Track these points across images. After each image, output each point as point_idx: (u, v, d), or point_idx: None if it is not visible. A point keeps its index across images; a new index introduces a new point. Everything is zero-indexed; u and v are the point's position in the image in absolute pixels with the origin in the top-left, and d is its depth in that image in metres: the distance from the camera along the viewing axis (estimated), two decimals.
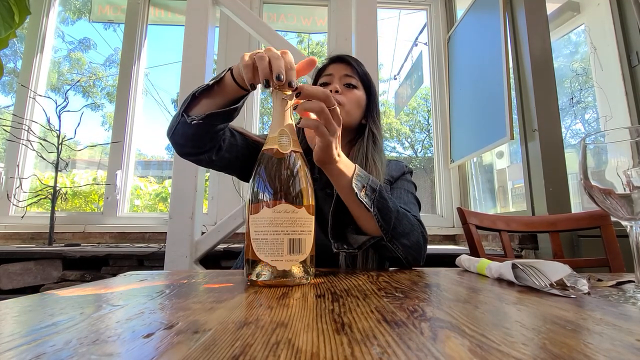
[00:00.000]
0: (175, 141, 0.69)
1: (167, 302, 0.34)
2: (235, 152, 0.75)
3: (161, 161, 4.01)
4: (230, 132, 0.74)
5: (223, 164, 0.76)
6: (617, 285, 0.46)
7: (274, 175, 0.47)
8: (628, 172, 0.39)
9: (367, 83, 0.87)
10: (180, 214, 1.30)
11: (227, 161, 0.75)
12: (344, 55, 0.88)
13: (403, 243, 0.66)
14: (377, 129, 0.85)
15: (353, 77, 0.85)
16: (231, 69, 0.60)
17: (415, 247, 0.67)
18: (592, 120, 2.01)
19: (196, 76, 1.37)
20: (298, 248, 0.44)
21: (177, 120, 0.65)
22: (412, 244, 0.67)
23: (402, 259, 0.66)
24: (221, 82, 0.61)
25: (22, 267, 1.31)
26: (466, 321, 0.27)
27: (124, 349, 0.21)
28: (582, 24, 1.91)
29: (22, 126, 1.81)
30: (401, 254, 0.66)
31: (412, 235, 0.67)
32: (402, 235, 0.65)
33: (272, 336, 0.23)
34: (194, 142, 0.67)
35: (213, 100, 0.63)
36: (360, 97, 0.85)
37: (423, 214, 2.07)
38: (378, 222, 0.62)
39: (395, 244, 0.65)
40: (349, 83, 0.84)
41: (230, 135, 0.74)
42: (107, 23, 2.62)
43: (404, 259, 0.66)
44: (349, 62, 0.86)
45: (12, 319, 0.29)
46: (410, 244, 0.66)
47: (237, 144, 0.76)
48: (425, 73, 2.23)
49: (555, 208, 1.30)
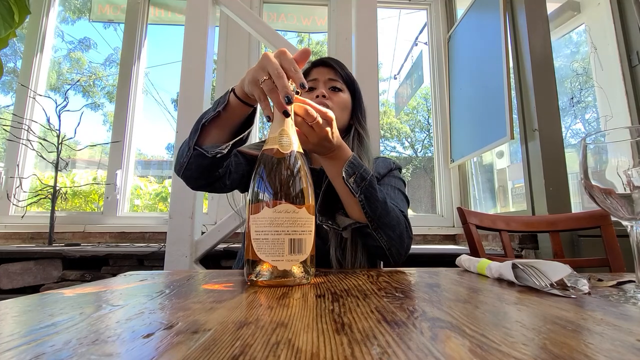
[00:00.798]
0: (189, 176, 0.68)
1: (167, 302, 0.34)
2: (241, 170, 0.77)
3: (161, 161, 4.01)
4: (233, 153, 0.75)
5: (234, 185, 0.78)
6: (618, 285, 0.46)
7: (274, 175, 0.47)
8: (628, 171, 0.39)
9: (352, 85, 0.89)
10: (180, 214, 1.30)
11: (237, 182, 0.77)
12: (326, 59, 0.89)
13: (387, 234, 0.68)
14: (362, 128, 0.88)
15: (337, 81, 0.86)
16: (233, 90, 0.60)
17: (398, 241, 0.70)
18: (592, 120, 2.01)
19: (196, 76, 1.37)
20: (299, 248, 0.44)
21: (190, 155, 0.64)
22: (396, 237, 0.69)
23: (385, 249, 0.69)
24: (227, 106, 0.61)
25: (22, 266, 1.31)
26: (466, 321, 0.27)
27: (124, 349, 0.21)
28: (583, 24, 1.91)
29: (22, 126, 1.81)
30: (385, 244, 0.68)
31: (397, 229, 0.70)
32: (387, 227, 0.68)
33: (272, 336, 0.23)
34: (210, 173, 0.67)
35: (222, 127, 0.63)
36: (346, 99, 0.86)
37: (423, 213, 2.08)
38: (364, 208, 0.64)
39: (379, 233, 0.67)
40: (334, 86, 0.85)
41: (234, 156, 0.75)
42: (107, 23, 2.62)
43: (387, 250, 0.69)
44: (332, 65, 0.87)
45: (12, 318, 0.29)
46: (394, 236, 0.69)
47: (241, 162, 0.78)
48: (425, 73, 2.23)
49: (556, 208, 1.30)
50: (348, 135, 0.86)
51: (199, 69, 1.38)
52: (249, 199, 0.48)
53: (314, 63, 0.89)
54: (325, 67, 0.87)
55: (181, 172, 0.67)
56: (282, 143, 0.48)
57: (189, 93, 1.36)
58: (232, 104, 0.60)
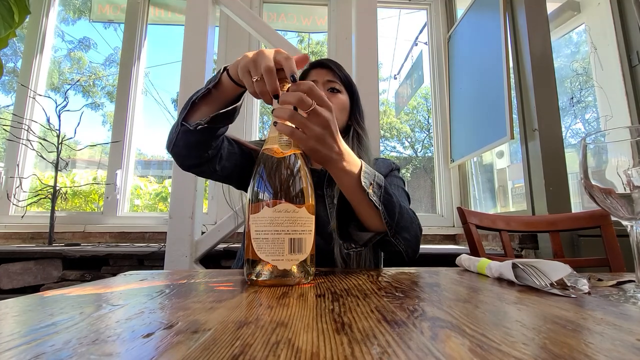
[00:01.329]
0: (176, 152, 0.68)
1: (167, 301, 0.34)
2: (234, 160, 0.76)
3: (161, 161, 4.01)
4: (227, 141, 0.75)
5: (225, 174, 0.77)
6: (618, 285, 0.46)
7: (274, 174, 0.46)
8: (628, 171, 0.39)
9: (350, 86, 0.89)
10: (180, 214, 1.30)
11: (228, 170, 0.76)
12: (324, 60, 0.89)
13: (404, 237, 0.66)
14: (361, 129, 0.88)
15: (336, 82, 0.86)
16: (226, 69, 0.59)
17: (414, 240, 0.69)
18: (592, 120, 2.01)
19: (196, 75, 1.37)
20: (299, 247, 0.44)
21: (177, 130, 0.64)
22: (412, 237, 0.68)
23: (403, 253, 0.67)
24: (219, 84, 0.61)
25: (22, 266, 1.31)
26: (466, 321, 0.27)
27: (124, 348, 0.21)
28: (583, 24, 1.91)
29: (22, 126, 1.81)
30: (402, 248, 0.66)
31: (412, 229, 0.68)
32: (404, 229, 0.66)
33: (272, 336, 0.23)
34: (197, 151, 0.66)
35: (212, 105, 0.63)
36: (345, 100, 0.87)
37: (423, 213, 2.08)
38: (384, 218, 0.61)
39: (397, 239, 0.65)
40: (333, 88, 0.86)
41: (228, 144, 0.75)
42: (107, 23, 2.62)
43: (404, 253, 0.67)
44: (330, 67, 0.87)
45: (12, 318, 0.29)
46: (410, 237, 0.67)
47: (236, 152, 0.77)
48: (425, 72, 2.23)
49: (556, 207, 1.30)
50: (347, 135, 0.86)
51: (199, 69, 1.38)
52: (249, 198, 0.48)
53: (312, 64, 0.89)
54: (323, 69, 0.87)
55: (170, 148, 0.68)
56: (281, 142, 0.48)
57: (189, 93, 1.35)
58: (224, 83, 0.60)
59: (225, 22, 1.97)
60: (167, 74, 4.30)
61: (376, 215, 0.61)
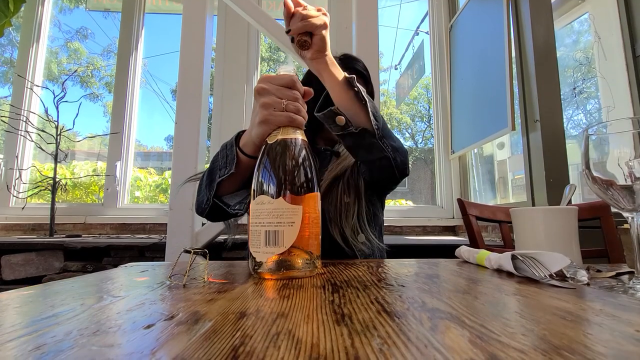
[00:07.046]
0: (209, 219, 0.74)
1: (167, 293, 0.35)
2: None
3: (161, 152, 4.00)
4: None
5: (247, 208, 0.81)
6: (617, 276, 0.46)
7: (258, 167, 0.47)
8: (630, 163, 0.39)
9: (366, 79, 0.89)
10: (180, 206, 1.30)
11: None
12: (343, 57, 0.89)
13: (391, 144, 0.69)
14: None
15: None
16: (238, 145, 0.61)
17: (402, 151, 0.72)
18: (594, 111, 1.99)
19: (195, 66, 1.36)
20: (275, 240, 0.44)
21: (209, 204, 0.67)
22: (399, 147, 0.71)
23: (391, 159, 0.70)
24: (238, 164, 0.61)
25: (24, 258, 1.32)
26: (466, 312, 0.27)
27: (125, 339, 0.21)
28: (586, 12, 1.88)
29: (20, 117, 1.80)
30: (390, 154, 0.69)
31: (397, 141, 0.72)
32: (389, 137, 0.69)
33: (273, 327, 0.23)
34: (230, 217, 0.73)
35: (235, 181, 0.65)
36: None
37: (423, 205, 2.08)
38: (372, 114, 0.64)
39: (384, 143, 0.68)
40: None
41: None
42: (104, 12, 2.58)
43: (392, 159, 0.70)
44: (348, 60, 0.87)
45: (14, 309, 0.29)
46: (397, 146, 0.71)
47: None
48: (427, 62, 2.21)
49: (556, 199, 1.30)
50: None
51: (198, 58, 1.36)
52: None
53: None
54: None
55: (203, 216, 0.73)
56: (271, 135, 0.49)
57: (187, 83, 1.35)
58: (243, 161, 0.61)
59: (224, 10, 1.94)
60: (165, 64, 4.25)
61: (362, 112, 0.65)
